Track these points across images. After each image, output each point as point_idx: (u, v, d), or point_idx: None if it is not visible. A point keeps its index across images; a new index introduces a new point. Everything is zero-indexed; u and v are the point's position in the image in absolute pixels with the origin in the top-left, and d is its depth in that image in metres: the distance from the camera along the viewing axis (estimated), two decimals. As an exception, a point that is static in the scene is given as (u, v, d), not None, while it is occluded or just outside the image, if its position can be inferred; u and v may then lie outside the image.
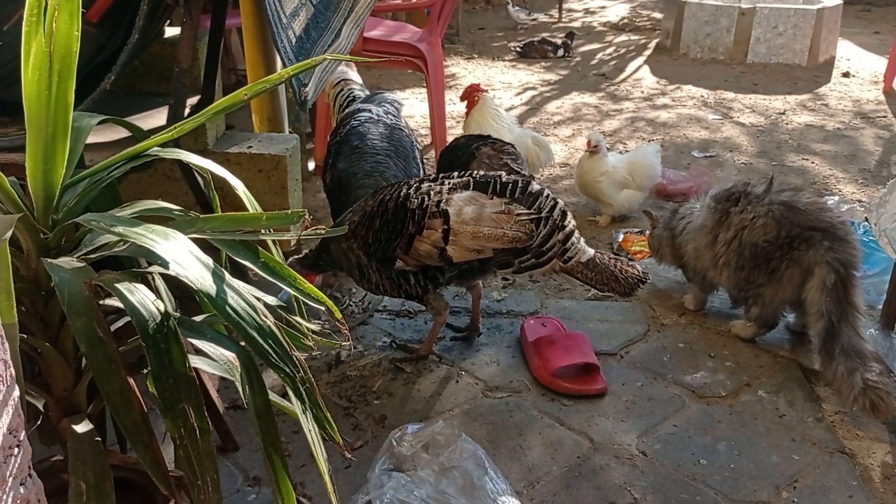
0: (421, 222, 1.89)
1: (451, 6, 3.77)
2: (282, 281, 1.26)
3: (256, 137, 2.41)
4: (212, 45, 2.04)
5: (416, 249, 1.91)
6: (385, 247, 1.94)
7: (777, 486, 1.74)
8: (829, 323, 2.01)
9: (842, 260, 2.06)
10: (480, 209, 1.89)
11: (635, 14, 7.88)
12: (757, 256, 2.17)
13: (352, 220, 1.98)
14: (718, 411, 1.99)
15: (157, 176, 2.26)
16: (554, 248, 1.91)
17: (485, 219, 1.88)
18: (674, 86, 5.34)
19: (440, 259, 1.92)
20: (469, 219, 1.88)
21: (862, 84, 5.47)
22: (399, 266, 1.96)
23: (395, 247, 1.93)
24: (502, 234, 1.88)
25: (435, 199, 1.91)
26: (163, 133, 1.24)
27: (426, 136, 4.18)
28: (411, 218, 1.90)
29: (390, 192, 1.97)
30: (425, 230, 1.89)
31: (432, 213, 1.89)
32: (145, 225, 1.09)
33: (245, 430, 1.83)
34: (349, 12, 2.10)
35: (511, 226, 1.88)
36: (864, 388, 1.87)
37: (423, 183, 1.97)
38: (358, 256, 1.99)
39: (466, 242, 1.88)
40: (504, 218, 1.88)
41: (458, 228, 1.88)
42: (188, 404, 1.05)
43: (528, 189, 1.93)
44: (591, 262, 1.96)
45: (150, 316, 1.04)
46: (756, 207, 2.19)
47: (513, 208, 1.90)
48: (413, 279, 1.98)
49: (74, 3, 0.97)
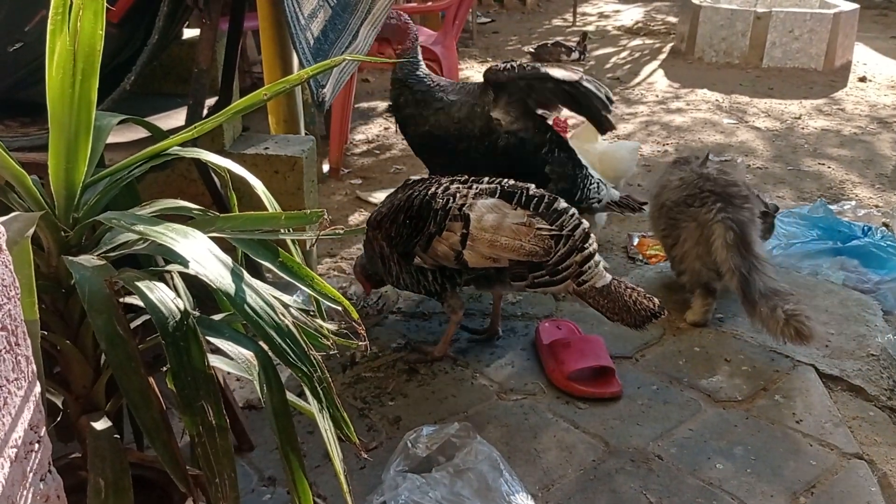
0: (442, 223, 1.92)
1: (466, 10, 3.78)
2: (300, 281, 1.27)
3: (273, 139, 2.42)
4: (229, 46, 2.05)
5: (434, 249, 1.94)
6: (406, 242, 1.98)
7: (794, 492, 1.73)
8: (741, 275, 2.18)
9: (735, 219, 2.23)
10: (501, 218, 1.90)
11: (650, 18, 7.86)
12: (669, 218, 2.39)
13: (380, 211, 2.04)
14: (735, 416, 1.98)
15: (175, 176, 2.27)
16: (570, 268, 1.90)
17: (504, 228, 1.89)
18: (688, 90, 5.32)
19: (456, 262, 1.94)
20: (489, 226, 1.89)
21: (878, 89, 5.43)
22: (417, 263, 2.00)
23: (415, 244, 1.96)
24: (519, 246, 1.89)
25: (459, 202, 1.93)
26: (182, 133, 1.24)
27: (440, 138, 4.18)
28: (433, 218, 1.93)
29: (420, 187, 2.01)
30: (445, 231, 1.92)
31: (454, 215, 1.91)
32: (165, 224, 1.10)
33: (260, 430, 1.83)
34: (366, 14, 2.11)
35: (529, 239, 1.88)
36: (787, 319, 2.07)
37: (453, 184, 2.00)
38: (381, 247, 2.04)
39: (483, 249, 1.90)
40: (524, 230, 1.89)
41: (477, 234, 1.89)
42: (207, 402, 1.06)
43: (553, 205, 1.94)
44: (605, 289, 1.93)
45: (169, 314, 1.05)
46: (677, 172, 2.41)
47: (534, 222, 1.90)
48: (431, 276, 2.01)
49: (99, 3, 0.97)
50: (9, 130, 1.82)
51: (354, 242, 2.96)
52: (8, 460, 0.84)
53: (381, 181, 3.65)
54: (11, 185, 1.13)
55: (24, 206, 1.14)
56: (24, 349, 0.89)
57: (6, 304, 0.84)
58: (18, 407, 0.87)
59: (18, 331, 0.86)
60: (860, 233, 2.84)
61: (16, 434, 0.87)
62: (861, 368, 2.18)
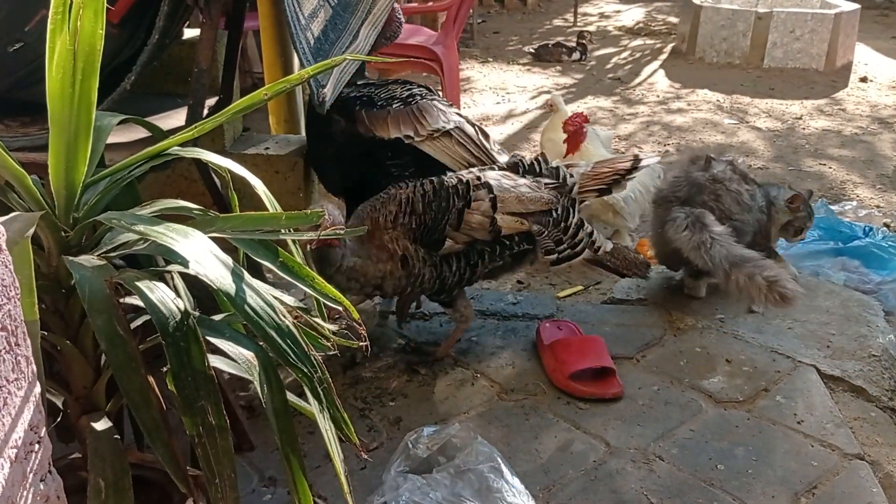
0: (467, 195, 1.98)
1: (467, 10, 3.78)
2: (300, 281, 1.26)
3: (273, 139, 2.42)
4: (230, 46, 2.05)
5: (467, 223, 1.98)
6: (434, 227, 1.98)
7: (796, 493, 1.72)
8: (705, 252, 2.23)
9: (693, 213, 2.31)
10: (515, 181, 2.04)
11: (651, 18, 7.86)
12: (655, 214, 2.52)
13: (388, 212, 1.98)
14: (736, 416, 1.97)
15: (175, 177, 2.27)
16: (583, 240, 2.08)
17: (521, 186, 2.03)
18: (689, 90, 5.32)
19: (490, 230, 1.99)
20: (509, 186, 2.02)
21: (880, 89, 5.43)
22: (448, 247, 1.99)
23: (445, 224, 1.98)
24: (539, 196, 2.03)
25: (473, 176, 2.03)
26: (183, 133, 1.24)
27: (441, 139, 4.18)
28: (455, 193, 1.99)
29: (421, 180, 2.04)
30: (473, 202, 1.98)
31: (475, 185, 2.00)
32: (165, 224, 1.10)
33: (260, 431, 1.83)
34: (367, 14, 2.11)
35: (544, 191, 2.04)
36: (769, 285, 2.10)
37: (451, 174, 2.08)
38: (404, 247, 1.98)
39: (513, 206, 1.99)
40: (535, 185, 2.05)
41: (502, 195, 1.99)
42: (207, 402, 1.06)
43: (547, 163, 2.12)
44: (614, 251, 2.18)
45: (169, 314, 1.04)
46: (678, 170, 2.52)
47: (539, 179, 2.07)
48: (455, 265, 2.01)
49: (99, 2, 0.97)
50: (9, 130, 1.82)
51: (355, 242, 2.96)
52: (8, 461, 0.84)
53: (382, 181, 3.65)
54: (11, 185, 1.13)
55: (24, 206, 1.14)
56: (24, 349, 0.89)
57: (6, 304, 0.84)
58: (18, 407, 0.87)
59: (18, 331, 0.86)
60: (861, 233, 2.84)
61: (16, 434, 0.86)
62: (862, 369, 2.18)
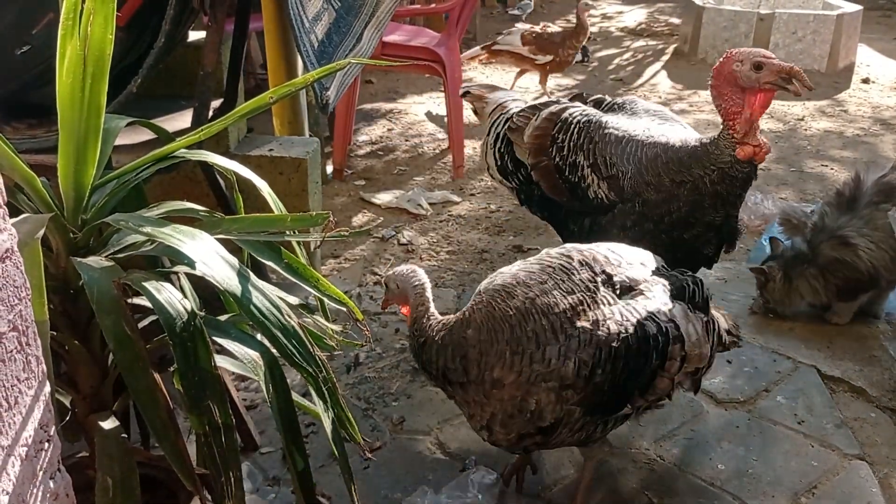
0: (665, 352, 1.51)
1: (470, 11, 3.79)
2: (305, 282, 1.28)
3: (277, 140, 2.43)
4: (235, 49, 2.06)
5: (654, 388, 1.55)
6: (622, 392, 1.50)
7: (796, 493, 1.74)
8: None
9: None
10: (695, 326, 1.58)
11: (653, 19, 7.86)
12: None
13: (580, 360, 1.44)
14: (737, 416, 1.98)
15: (180, 178, 2.28)
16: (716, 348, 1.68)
17: (700, 336, 1.58)
18: (691, 91, 5.32)
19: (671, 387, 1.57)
20: (695, 340, 1.56)
21: (882, 90, 5.43)
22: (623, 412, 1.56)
23: (635, 389, 1.52)
24: (702, 354, 1.59)
25: (664, 317, 1.53)
26: (189, 135, 1.26)
27: (443, 140, 4.20)
28: (655, 348, 1.50)
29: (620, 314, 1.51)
30: (667, 361, 1.53)
31: (672, 337, 1.53)
32: (172, 225, 1.11)
33: (264, 431, 1.84)
34: (370, 17, 2.12)
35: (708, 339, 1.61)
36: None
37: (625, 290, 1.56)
38: (569, 413, 1.48)
39: (692, 367, 1.58)
40: (703, 334, 1.59)
41: (691, 353, 1.56)
42: (213, 402, 1.07)
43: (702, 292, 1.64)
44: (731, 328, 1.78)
45: (177, 315, 1.06)
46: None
47: (705, 319, 1.62)
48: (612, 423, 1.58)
49: (109, 8, 0.99)
50: (16, 132, 1.84)
51: (357, 244, 2.97)
52: (19, 458, 0.86)
53: (385, 182, 3.67)
54: (21, 188, 1.14)
55: (34, 208, 1.15)
56: (35, 349, 0.90)
57: (18, 304, 0.85)
58: (29, 406, 0.88)
59: (29, 331, 0.88)
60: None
61: (26, 433, 0.88)
62: (863, 369, 2.19)
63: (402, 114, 4.74)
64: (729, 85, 1.75)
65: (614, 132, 1.94)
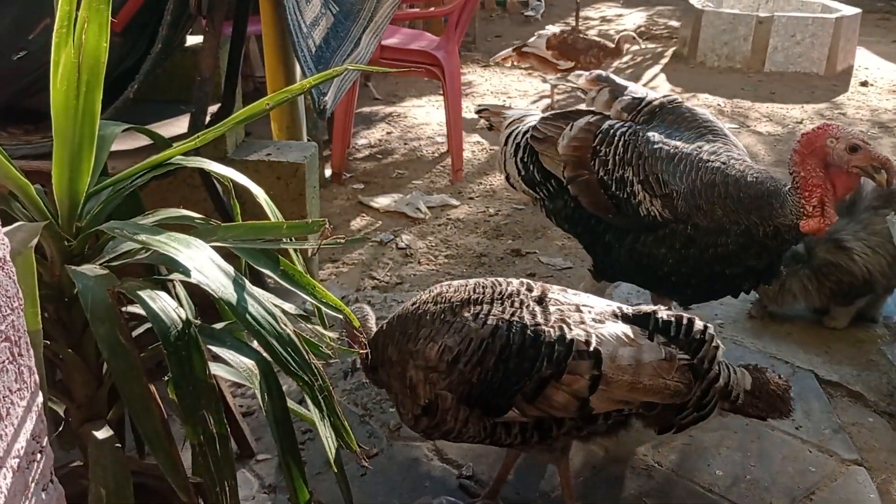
0: (562, 363, 1.45)
1: (469, 15, 3.78)
2: (301, 289, 1.27)
3: (275, 145, 2.43)
4: (233, 53, 2.06)
5: (546, 398, 1.46)
6: (499, 391, 1.46)
7: (794, 498, 1.73)
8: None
9: None
10: (638, 352, 1.48)
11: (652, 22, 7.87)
12: None
13: (445, 347, 1.47)
14: (734, 422, 1.97)
15: (178, 183, 2.28)
16: (714, 397, 1.54)
17: (645, 366, 1.47)
18: (690, 94, 5.32)
19: (577, 411, 1.48)
20: (626, 364, 1.46)
21: (880, 93, 5.43)
22: (509, 417, 1.49)
23: (515, 392, 1.46)
24: (663, 385, 1.47)
25: (579, 331, 1.48)
26: (185, 142, 1.25)
27: (442, 143, 4.20)
28: (547, 356, 1.45)
29: (511, 314, 1.51)
30: (566, 375, 1.45)
31: (579, 352, 1.45)
32: (168, 233, 1.11)
33: (261, 438, 1.84)
34: (368, 22, 2.12)
35: (673, 375, 1.48)
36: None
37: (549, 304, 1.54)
38: (442, 398, 1.48)
39: (620, 394, 1.47)
40: (665, 366, 1.48)
41: (614, 376, 1.45)
42: (208, 411, 1.07)
43: (692, 330, 1.53)
44: (754, 387, 1.60)
45: (171, 323, 1.06)
46: None
47: (674, 353, 1.50)
48: (518, 430, 1.51)
49: (104, 16, 0.98)
50: (12, 138, 1.83)
51: (356, 248, 2.97)
52: (10, 470, 0.85)
53: (383, 186, 3.66)
54: (15, 195, 1.14)
55: (28, 216, 1.15)
56: (27, 360, 0.90)
57: (10, 315, 0.85)
58: (21, 417, 0.88)
59: (21, 341, 0.87)
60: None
61: (18, 444, 0.87)
62: (860, 374, 2.19)
63: (401, 117, 4.74)
64: (816, 157, 1.71)
65: (664, 147, 1.88)
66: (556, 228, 3.21)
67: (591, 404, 1.46)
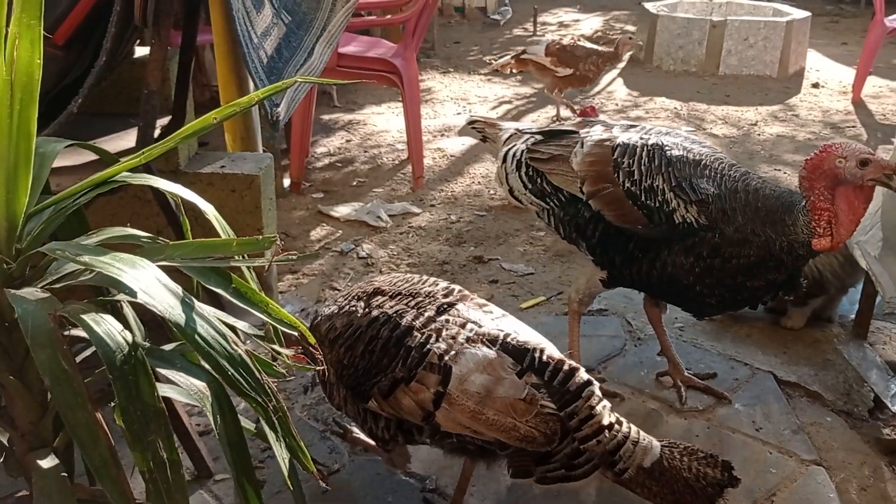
0: (413, 370, 1.46)
1: (427, 21, 3.78)
2: (254, 307, 1.24)
3: (229, 157, 2.38)
4: (182, 64, 2.01)
5: (396, 399, 1.48)
6: (361, 379, 1.53)
7: (755, 500, 1.75)
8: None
9: None
10: (494, 384, 1.43)
11: (609, 27, 7.94)
12: None
13: (333, 326, 1.58)
14: (696, 425, 1.99)
15: (128, 198, 2.23)
16: (592, 461, 1.45)
17: (496, 399, 1.42)
18: (647, 98, 5.38)
19: (423, 421, 1.49)
20: (473, 391, 1.43)
21: (831, 94, 5.55)
22: (372, 407, 1.55)
23: (374, 385, 1.51)
24: (511, 426, 1.41)
25: (442, 345, 1.47)
26: (131, 158, 1.22)
27: (403, 151, 4.18)
28: (403, 358, 1.48)
29: (392, 309, 1.56)
30: (414, 382, 1.46)
31: (431, 363, 1.46)
32: (112, 253, 1.07)
33: (219, 457, 1.80)
34: (322, 31, 2.10)
35: (528, 420, 1.42)
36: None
37: (440, 312, 1.54)
38: (327, 369, 1.58)
39: (461, 418, 1.44)
40: (521, 408, 1.42)
41: (457, 398, 1.43)
42: (158, 436, 1.03)
43: (570, 380, 1.46)
44: (656, 467, 1.46)
45: (117, 347, 1.02)
46: None
47: (538, 398, 1.43)
48: (384, 424, 1.56)
49: (35, 31, 0.95)
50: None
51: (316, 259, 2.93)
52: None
53: (344, 195, 3.63)
54: (-50, 217, 1.09)
55: (-36, 239, 1.11)
56: (-38, 391, 0.86)
57: (-60, 346, 0.81)
58: (-44, 452, 0.84)
59: (-45, 372, 0.83)
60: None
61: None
62: (818, 374, 2.22)
63: (361, 124, 4.71)
64: (825, 180, 1.70)
65: (689, 154, 1.89)
66: (517, 235, 3.22)
67: (436, 419, 1.46)
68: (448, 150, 4.28)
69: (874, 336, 2.43)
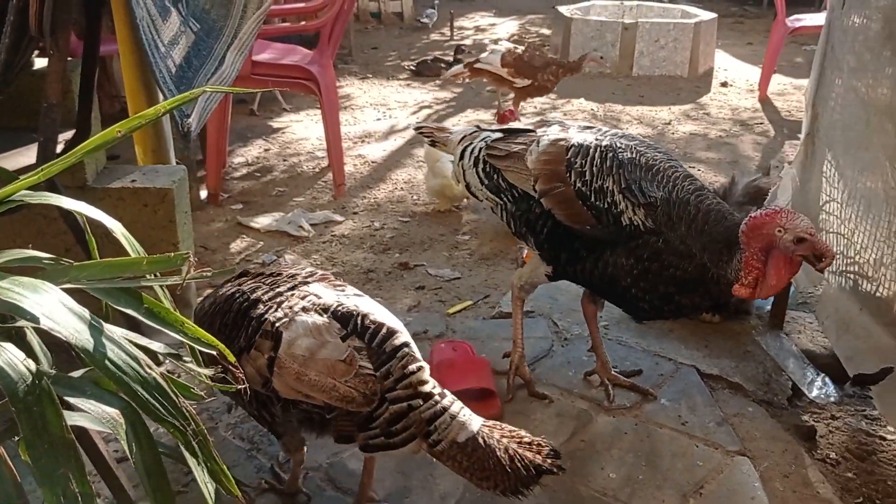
0: (252, 338, 1.53)
1: (342, 28, 3.73)
2: (169, 327, 1.19)
3: (140, 170, 2.29)
4: (85, 76, 1.92)
5: (242, 368, 1.40)
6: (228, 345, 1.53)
7: (684, 494, 1.77)
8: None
9: None
10: (319, 346, 1.49)
11: (524, 30, 8.05)
12: None
13: (202, 307, 1.67)
14: (625, 423, 2.02)
15: (33, 216, 2.11)
16: (410, 428, 1.48)
17: (317, 361, 1.48)
18: (565, 100, 5.47)
19: (264, 388, 1.54)
20: (299, 354, 1.49)
21: (739, 93, 5.76)
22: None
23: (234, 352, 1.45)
24: (332, 386, 1.47)
25: (279, 314, 1.54)
26: (30, 175, 1.15)
27: (323, 158, 4.12)
28: (245, 329, 1.55)
29: (250, 283, 1.65)
30: (253, 350, 1.53)
31: (265, 331, 1.52)
32: (11, 277, 1.01)
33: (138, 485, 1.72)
34: (233, 39, 2.04)
35: (347, 380, 1.47)
36: None
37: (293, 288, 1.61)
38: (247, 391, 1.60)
39: (290, 381, 1.50)
40: (341, 368, 1.48)
41: (285, 361, 1.50)
42: (67, 470, 0.97)
43: (386, 342, 1.52)
44: (470, 443, 1.46)
45: (19, 377, 0.96)
46: None
47: (357, 359, 1.49)
48: (247, 399, 1.57)
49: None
50: None
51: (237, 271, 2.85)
52: None
53: (264, 205, 3.55)
54: None
55: None
56: None
57: None
58: None
59: None
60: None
61: None
62: (738, 365, 2.28)
63: (279, 132, 4.63)
64: (761, 242, 1.72)
65: (642, 157, 1.90)
66: (442, 240, 3.21)
67: (273, 385, 1.51)
68: (369, 156, 4.25)
69: (790, 326, 2.52)
